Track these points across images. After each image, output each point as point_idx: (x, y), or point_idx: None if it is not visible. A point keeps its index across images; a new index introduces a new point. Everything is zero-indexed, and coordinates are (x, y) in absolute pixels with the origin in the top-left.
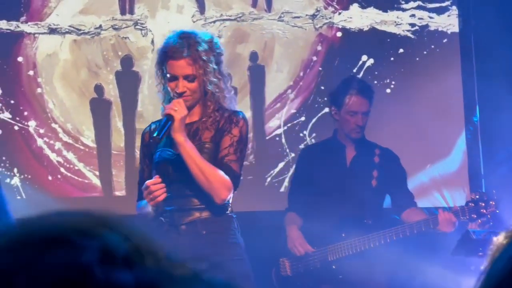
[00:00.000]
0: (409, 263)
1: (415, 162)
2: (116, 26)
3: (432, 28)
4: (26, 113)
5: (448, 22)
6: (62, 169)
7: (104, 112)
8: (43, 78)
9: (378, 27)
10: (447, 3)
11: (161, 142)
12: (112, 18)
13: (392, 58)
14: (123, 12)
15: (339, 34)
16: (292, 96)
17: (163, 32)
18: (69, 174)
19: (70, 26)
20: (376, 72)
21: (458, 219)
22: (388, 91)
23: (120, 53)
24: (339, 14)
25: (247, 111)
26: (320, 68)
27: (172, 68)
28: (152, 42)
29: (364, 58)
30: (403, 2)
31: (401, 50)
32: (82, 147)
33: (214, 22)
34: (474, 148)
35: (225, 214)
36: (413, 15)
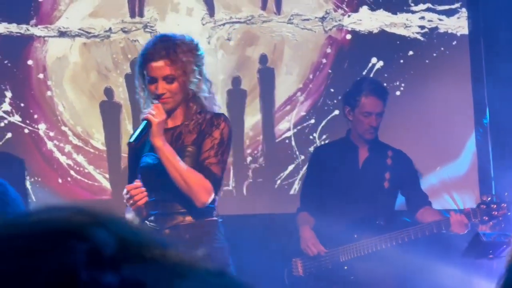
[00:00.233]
0: (420, 265)
1: (424, 164)
2: (126, 29)
3: (441, 30)
4: (36, 116)
5: (458, 24)
6: (72, 172)
7: (114, 115)
8: (53, 81)
9: (388, 30)
10: (457, 5)
11: (146, 147)
12: (122, 21)
13: (401, 61)
14: (132, 15)
15: (349, 37)
16: (302, 99)
17: None
18: (79, 177)
19: (79, 29)
20: (385, 75)
21: (470, 221)
22: (397, 93)
23: (129, 56)
24: (349, 16)
25: (256, 114)
26: (330, 71)
27: (152, 70)
28: None
29: (374, 60)
30: (412, 5)
31: (410, 53)
32: (92, 150)
33: (224, 24)
34: (484, 150)
35: (209, 218)
36: (422, 17)
